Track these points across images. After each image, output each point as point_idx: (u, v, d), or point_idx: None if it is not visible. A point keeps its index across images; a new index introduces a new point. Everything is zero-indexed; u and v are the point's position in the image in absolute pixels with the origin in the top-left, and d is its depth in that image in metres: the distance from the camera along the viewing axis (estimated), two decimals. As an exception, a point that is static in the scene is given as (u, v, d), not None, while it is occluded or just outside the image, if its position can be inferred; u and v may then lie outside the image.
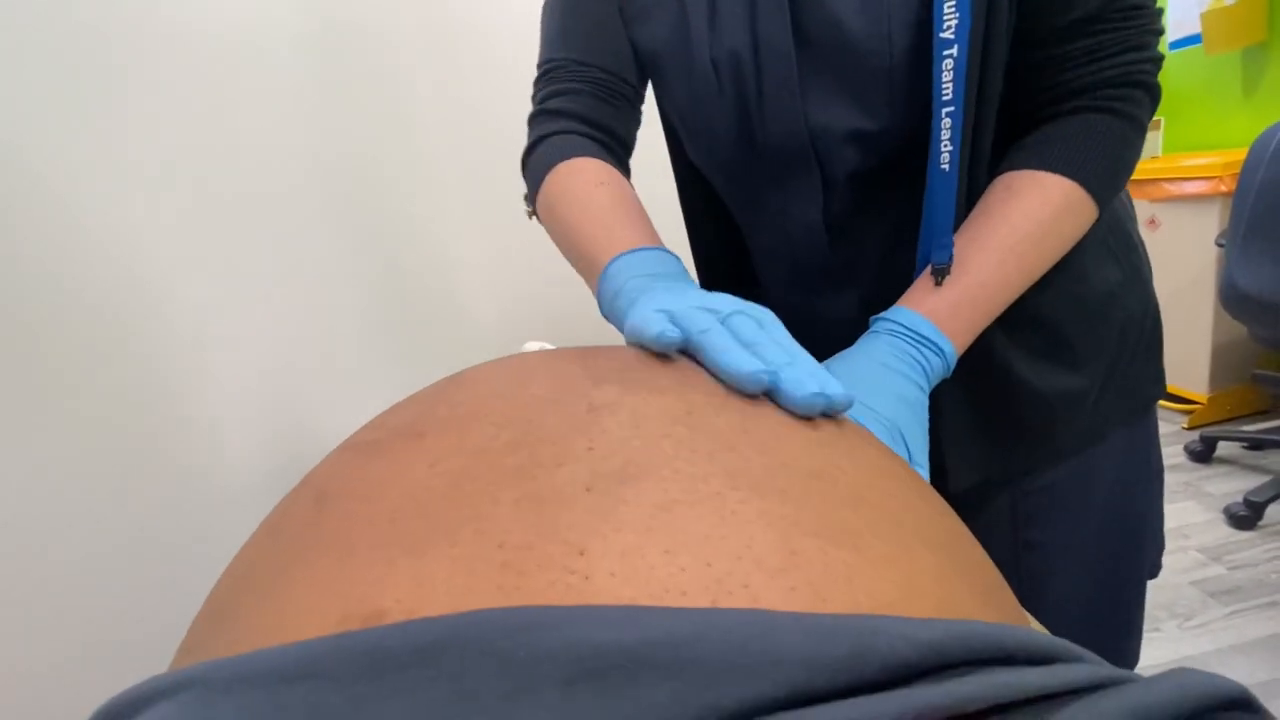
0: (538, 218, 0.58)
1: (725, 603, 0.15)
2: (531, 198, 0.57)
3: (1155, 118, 2.36)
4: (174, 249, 0.71)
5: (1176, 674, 0.14)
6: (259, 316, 0.82)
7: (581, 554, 0.16)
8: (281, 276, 0.87)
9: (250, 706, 0.13)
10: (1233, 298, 1.58)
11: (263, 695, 0.14)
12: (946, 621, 0.16)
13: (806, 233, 0.55)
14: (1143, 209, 2.06)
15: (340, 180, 1.01)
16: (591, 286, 0.48)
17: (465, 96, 1.26)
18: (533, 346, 1.34)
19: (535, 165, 0.56)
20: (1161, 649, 1.26)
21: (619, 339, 0.36)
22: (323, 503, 0.19)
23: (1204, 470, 1.82)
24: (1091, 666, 0.15)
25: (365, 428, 0.24)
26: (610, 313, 0.44)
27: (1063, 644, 0.16)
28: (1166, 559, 1.62)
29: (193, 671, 0.15)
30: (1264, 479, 1.63)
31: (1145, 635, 1.41)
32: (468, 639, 0.14)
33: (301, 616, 0.16)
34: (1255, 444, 1.83)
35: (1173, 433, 2.02)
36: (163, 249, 0.70)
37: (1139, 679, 0.14)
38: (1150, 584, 0.76)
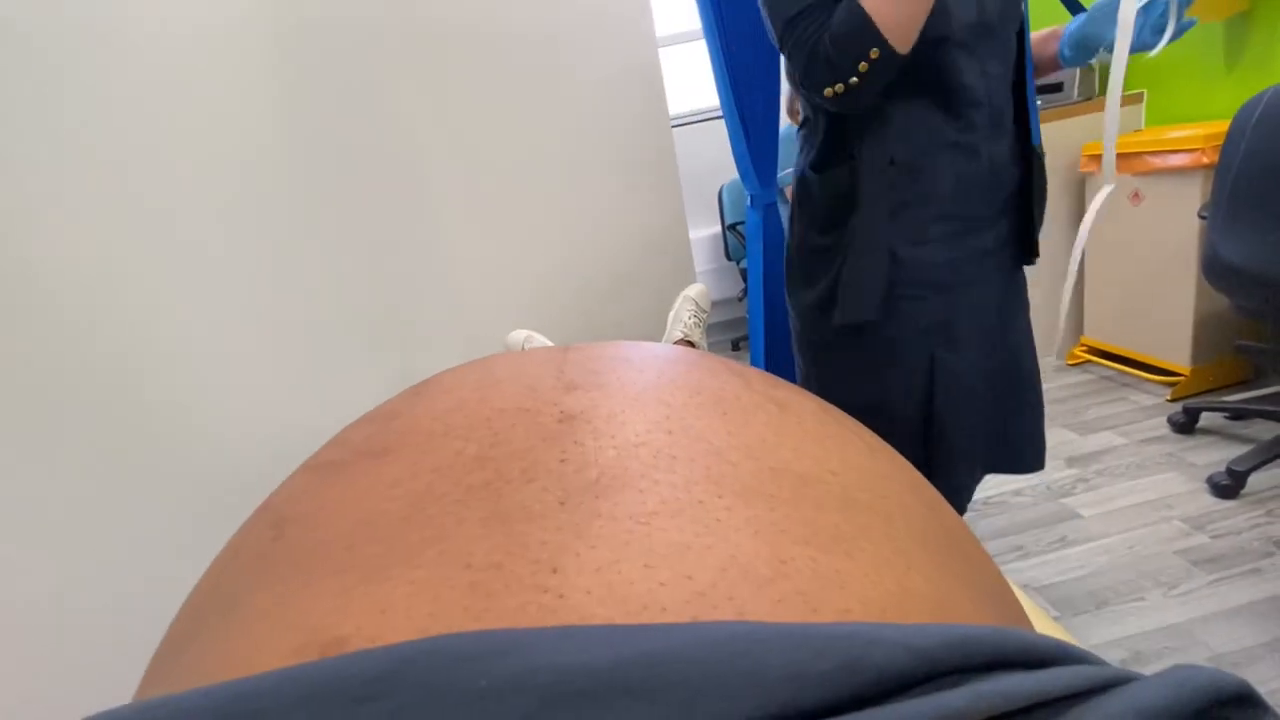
0: (865, 66, 0.73)
1: (709, 617, 0.14)
2: (855, 57, 0.72)
3: (1137, 90, 2.32)
4: (168, 249, 0.70)
5: (1177, 672, 0.13)
6: (256, 313, 0.81)
7: (554, 572, 0.15)
8: (278, 274, 0.86)
9: None
10: (1215, 269, 1.58)
11: None
12: (942, 627, 0.15)
13: (999, 83, 0.83)
14: (1126, 182, 2.06)
15: (333, 173, 1.00)
16: None
17: (458, 92, 1.28)
18: (518, 335, 1.33)
19: (844, 25, 0.72)
20: (1147, 617, 1.27)
21: (606, 330, 0.35)
22: (279, 529, 0.18)
23: (1187, 441, 1.84)
24: (1091, 668, 0.14)
25: (327, 445, 0.23)
26: None
27: (1062, 646, 0.15)
28: (1151, 529, 1.63)
29: (134, 711, 0.14)
30: (1246, 448, 1.65)
31: (1131, 604, 1.42)
32: (425, 668, 0.13)
33: (257, 647, 0.15)
34: (1237, 414, 1.85)
35: (1156, 405, 2.04)
36: (156, 250, 0.69)
37: (1138, 678, 0.14)
38: (1135, 552, 0.79)
